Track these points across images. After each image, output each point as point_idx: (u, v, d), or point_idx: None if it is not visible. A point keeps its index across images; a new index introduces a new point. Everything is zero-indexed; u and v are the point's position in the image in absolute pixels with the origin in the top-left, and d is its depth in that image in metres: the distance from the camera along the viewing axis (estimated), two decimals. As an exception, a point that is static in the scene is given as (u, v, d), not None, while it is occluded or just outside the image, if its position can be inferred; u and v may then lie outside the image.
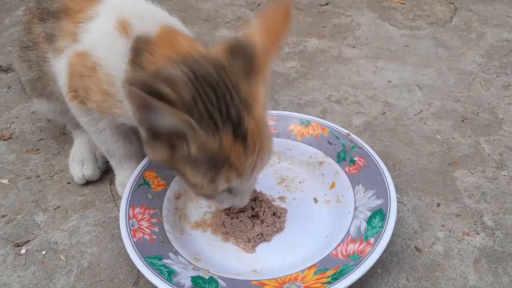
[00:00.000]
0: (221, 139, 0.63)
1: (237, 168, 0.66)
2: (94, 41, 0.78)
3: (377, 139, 1.15)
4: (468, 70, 1.44)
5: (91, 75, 0.78)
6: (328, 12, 1.83)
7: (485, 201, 0.96)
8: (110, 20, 0.77)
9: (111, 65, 0.76)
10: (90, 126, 0.90)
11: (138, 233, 0.81)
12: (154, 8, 0.83)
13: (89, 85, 0.80)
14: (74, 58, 0.80)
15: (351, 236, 0.80)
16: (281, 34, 0.68)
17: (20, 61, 0.99)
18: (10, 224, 0.94)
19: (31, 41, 0.93)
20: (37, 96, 1.02)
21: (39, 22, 0.90)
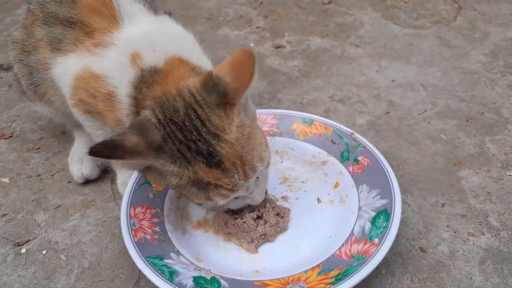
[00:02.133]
0: (195, 170, 0.70)
1: (225, 186, 0.71)
2: (111, 69, 0.78)
3: (381, 138, 1.14)
4: (473, 70, 1.42)
5: (105, 101, 0.79)
6: (331, 11, 1.82)
7: (491, 201, 0.95)
8: (124, 52, 0.78)
9: (122, 96, 0.77)
10: (95, 130, 0.90)
11: (139, 233, 0.80)
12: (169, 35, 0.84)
13: (101, 109, 0.80)
14: (88, 76, 0.79)
15: (355, 236, 0.79)
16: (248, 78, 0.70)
17: (21, 65, 0.98)
18: (11, 223, 0.93)
19: (32, 45, 0.91)
20: (39, 101, 1.02)
21: (42, 26, 0.88)
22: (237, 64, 0.71)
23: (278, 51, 1.55)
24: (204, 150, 0.69)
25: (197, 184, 0.71)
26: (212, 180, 0.70)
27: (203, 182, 0.70)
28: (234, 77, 0.70)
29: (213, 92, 0.71)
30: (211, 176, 0.70)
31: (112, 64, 0.78)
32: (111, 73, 0.78)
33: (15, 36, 1.00)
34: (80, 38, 0.82)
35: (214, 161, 0.70)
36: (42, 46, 0.88)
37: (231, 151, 0.70)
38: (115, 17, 0.81)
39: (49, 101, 0.99)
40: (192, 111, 0.70)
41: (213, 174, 0.70)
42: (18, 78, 1.03)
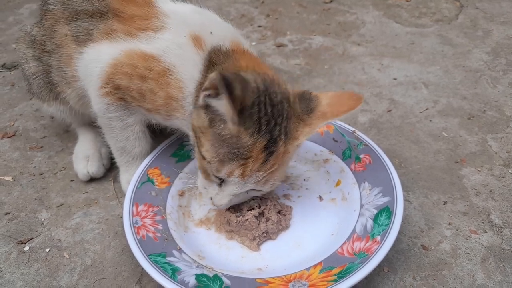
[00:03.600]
0: (255, 142, 0.72)
1: (246, 170, 0.73)
2: (166, 48, 0.81)
3: (382, 136, 1.14)
4: (475, 68, 1.42)
5: (157, 78, 0.80)
6: (332, 10, 1.82)
7: (493, 199, 0.95)
8: (183, 34, 0.81)
9: (184, 72, 0.80)
10: (118, 122, 0.90)
11: (141, 231, 0.80)
12: (219, 21, 0.91)
13: (151, 88, 0.81)
14: (133, 59, 0.81)
15: (357, 234, 0.79)
16: (343, 111, 0.78)
17: (38, 63, 0.98)
18: (14, 221, 0.93)
19: (55, 44, 0.92)
20: (55, 99, 1.02)
21: (66, 22, 0.89)
22: (341, 98, 0.79)
23: (280, 50, 1.55)
24: (275, 134, 0.73)
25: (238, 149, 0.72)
26: (252, 159, 0.72)
27: (245, 154, 0.72)
28: (330, 104, 0.78)
29: (304, 103, 0.78)
30: (256, 156, 0.72)
31: (168, 43, 0.81)
32: (167, 52, 0.80)
33: (33, 35, 0.99)
34: (113, 26, 0.84)
35: (271, 149, 0.73)
36: (66, 42, 0.90)
37: (281, 155, 0.75)
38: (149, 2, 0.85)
39: (64, 100, 1.00)
40: (285, 103, 0.75)
41: (259, 156, 0.73)
42: (28, 78, 1.02)
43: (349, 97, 0.79)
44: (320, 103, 0.78)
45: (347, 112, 0.77)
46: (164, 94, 0.81)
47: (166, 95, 0.81)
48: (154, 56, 0.80)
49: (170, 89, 0.80)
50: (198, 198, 0.94)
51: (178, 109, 0.82)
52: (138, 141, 0.94)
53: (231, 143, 0.72)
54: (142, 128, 0.93)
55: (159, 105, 0.83)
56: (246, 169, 0.73)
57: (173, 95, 0.81)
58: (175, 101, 0.81)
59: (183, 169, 0.97)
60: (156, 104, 0.83)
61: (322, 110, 0.78)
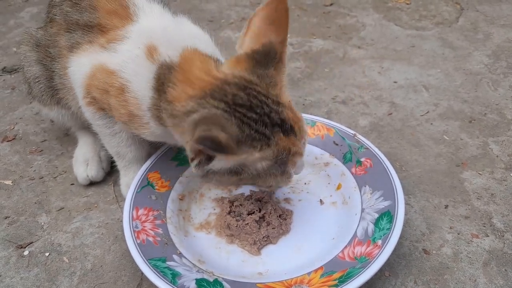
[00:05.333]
0: (276, 143, 0.69)
1: (298, 152, 0.74)
2: (123, 63, 0.78)
3: (383, 140, 1.13)
4: (475, 71, 1.42)
5: (118, 96, 0.79)
6: (332, 13, 1.82)
7: (494, 203, 0.94)
8: (139, 44, 0.78)
9: (138, 90, 0.77)
10: (106, 129, 0.90)
11: (141, 235, 0.80)
12: (181, 28, 0.84)
13: (114, 105, 0.80)
14: (100, 72, 0.80)
15: (358, 238, 0.79)
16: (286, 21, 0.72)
17: (41, 67, 0.98)
18: (13, 225, 0.93)
19: (56, 53, 0.93)
20: (56, 104, 1.02)
21: (65, 34, 0.90)
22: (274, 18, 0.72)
23: (280, 53, 1.55)
24: (278, 120, 0.70)
25: (278, 159, 0.71)
26: (292, 147, 0.71)
27: (284, 153, 0.71)
28: (274, 31, 0.72)
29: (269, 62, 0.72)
30: (290, 143, 0.71)
31: (125, 57, 0.78)
32: (124, 66, 0.78)
33: (37, 39, 0.99)
34: (95, 38, 0.84)
35: (287, 127, 0.71)
36: (64, 52, 0.90)
37: (291, 115, 0.72)
38: (131, 15, 0.83)
39: (67, 105, 1.00)
40: (251, 91, 0.70)
41: (291, 140, 0.71)
42: (29, 81, 1.02)
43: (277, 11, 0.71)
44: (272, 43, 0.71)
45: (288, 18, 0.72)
46: (125, 112, 0.80)
47: (127, 113, 0.79)
48: (113, 71, 0.79)
49: (130, 107, 0.78)
50: (198, 202, 0.94)
51: (143, 125, 0.81)
52: (129, 147, 0.94)
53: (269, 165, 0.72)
54: (130, 134, 0.92)
55: (126, 122, 0.82)
56: (297, 152, 0.73)
57: (134, 113, 0.79)
58: (137, 118, 0.79)
59: (184, 173, 0.97)
60: (123, 120, 0.82)
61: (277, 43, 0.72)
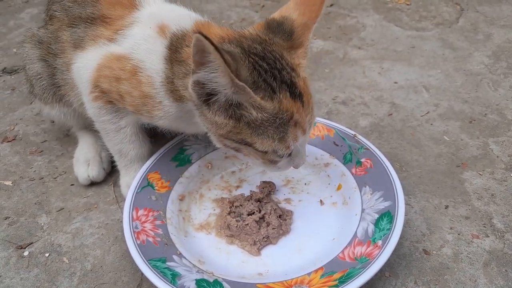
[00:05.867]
0: (280, 100, 0.69)
1: (302, 124, 0.72)
2: (135, 45, 0.80)
3: (384, 140, 1.13)
4: (475, 71, 1.42)
5: (130, 78, 0.79)
6: (333, 14, 1.82)
7: (495, 203, 0.94)
8: (150, 25, 0.80)
9: (151, 67, 0.78)
10: (111, 125, 0.90)
11: (141, 235, 0.80)
12: (189, 12, 0.86)
13: (126, 89, 0.80)
14: (110, 61, 0.81)
15: (358, 238, 0.79)
16: (318, 8, 0.74)
17: (43, 64, 0.99)
18: (13, 226, 0.93)
19: (59, 49, 0.93)
20: (58, 102, 1.02)
21: (67, 29, 0.90)
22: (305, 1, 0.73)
23: (280, 54, 1.55)
24: (288, 79, 0.70)
25: (277, 118, 0.69)
26: (296, 113, 0.70)
27: (286, 115, 0.70)
28: (301, 12, 0.72)
29: (279, 32, 0.73)
30: (295, 107, 0.70)
31: (136, 39, 0.80)
32: (136, 48, 0.79)
33: (40, 36, 0.99)
34: (99, 32, 0.85)
35: (296, 92, 0.70)
36: (67, 48, 0.91)
37: (304, 87, 0.72)
38: (136, 3, 0.85)
39: (68, 102, 1.00)
40: (266, 46, 0.71)
41: (297, 105, 0.70)
42: (31, 79, 1.03)
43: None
44: (291, 19, 0.74)
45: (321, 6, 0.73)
46: (138, 94, 0.80)
47: (140, 94, 0.80)
48: (125, 55, 0.80)
49: (143, 87, 0.79)
50: (198, 203, 0.94)
51: (157, 106, 0.81)
52: (132, 144, 0.94)
53: (268, 119, 0.69)
54: (135, 130, 0.92)
55: (138, 106, 0.82)
56: (301, 124, 0.72)
57: (147, 92, 0.80)
58: (150, 98, 0.80)
59: (184, 173, 0.97)
60: (135, 104, 0.82)
61: (299, 23, 0.74)
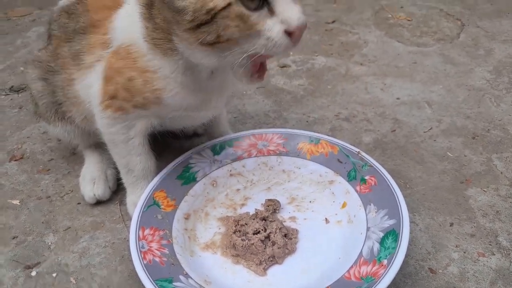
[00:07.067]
0: None
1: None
2: (122, 30, 0.83)
3: (387, 157, 1.14)
4: (477, 87, 1.43)
5: (126, 62, 0.81)
6: (335, 30, 1.85)
7: (500, 220, 0.94)
8: (129, 4, 0.83)
9: (136, 36, 0.80)
10: (120, 135, 0.91)
11: (148, 255, 0.80)
12: None
13: (127, 76, 0.82)
14: (111, 57, 0.84)
15: (363, 257, 0.79)
16: None
17: (44, 83, 1.01)
18: (21, 245, 0.94)
19: (59, 65, 0.96)
20: (60, 120, 1.04)
21: (65, 44, 0.93)
22: None
23: (283, 70, 1.57)
24: None
25: None
26: None
27: None
28: None
29: None
30: None
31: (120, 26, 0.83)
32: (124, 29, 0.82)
33: (39, 56, 1.03)
34: (92, 40, 0.88)
35: None
36: (67, 63, 0.93)
37: None
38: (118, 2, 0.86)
39: (71, 119, 1.02)
40: None
41: None
42: (35, 99, 1.05)
43: None
44: None
45: None
46: (137, 73, 0.81)
47: (139, 72, 0.81)
48: (120, 45, 0.83)
49: (137, 63, 0.80)
50: (204, 221, 0.95)
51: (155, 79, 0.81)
52: (139, 156, 0.95)
53: None
54: (142, 142, 0.94)
55: (142, 90, 0.82)
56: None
57: (142, 65, 0.81)
58: (147, 72, 0.81)
59: (189, 191, 0.97)
60: (140, 90, 0.82)
61: None
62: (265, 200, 0.97)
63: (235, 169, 1.04)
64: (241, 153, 1.06)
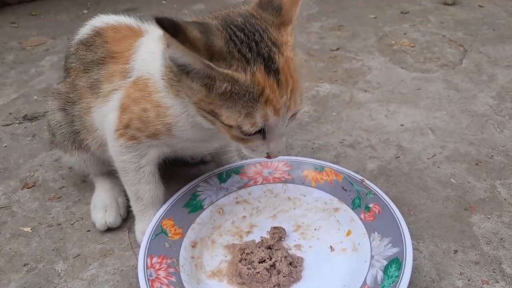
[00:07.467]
0: (253, 73, 0.69)
1: (274, 103, 0.71)
2: (142, 62, 0.87)
3: (391, 184, 1.16)
4: (481, 112, 1.45)
5: (143, 93, 0.85)
6: (339, 57, 1.89)
7: (504, 248, 0.95)
8: (152, 39, 0.88)
9: (155, 72, 0.84)
10: (131, 164, 0.94)
11: (156, 283, 0.82)
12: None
13: (142, 107, 0.86)
14: (130, 87, 0.88)
15: (367, 286, 0.80)
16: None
17: (63, 114, 1.06)
18: (32, 272, 0.96)
19: (77, 96, 1.01)
20: (77, 149, 1.08)
21: (83, 75, 0.98)
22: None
23: (289, 97, 1.60)
24: (265, 52, 0.70)
25: (247, 92, 0.69)
26: (268, 89, 0.69)
27: (257, 89, 0.69)
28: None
29: (268, 8, 0.75)
30: (268, 84, 0.69)
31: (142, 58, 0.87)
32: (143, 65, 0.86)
33: (58, 88, 1.08)
34: (111, 70, 0.93)
35: (273, 67, 0.70)
36: (84, 93, 0.98)
37: (286, 66, 0.71)
38: (139, 32, 0.94)
39: (87, 147, 1.06)
40: (251, 19, 0.74)
41: (270, 81, 0.69)
42: (53, 129, 1.09)
43: None
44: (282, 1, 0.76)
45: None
46: (151, 106, 0.85)
47: (153, 105, 0.85)
48: (137, 76, 0.87)
49: (152, 96, 0.84)
50: (210, 249, 0.96)
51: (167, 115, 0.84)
52: (149, 185, 0.98)
53: (238, 92, 0.69)
54: (152, 170, 0.97)
55: (154, 122, 0.86)
56: (273, 102, 0.70)
57: (156, 100, 0.84)
58: (160, 106, 0.84)
59: (196, 219, 0.99)
60: (152, 122, 0.86)
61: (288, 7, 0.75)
62: (270, 227, 0.99)
63: (241, 196, 1.06)
64: (247, 181, 1.08)
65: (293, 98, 0.73)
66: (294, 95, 0.73)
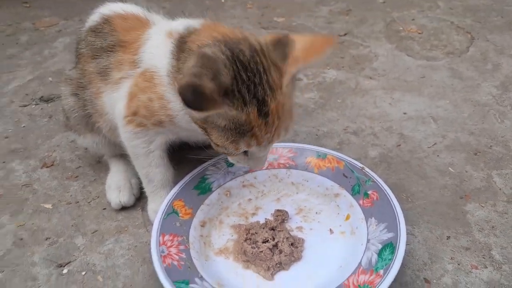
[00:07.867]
0: (248, 113, 0.75)
1: (258, 138, 0.79)
2: (150, 55, 0.93)
3: (392, 171, 1.21)
4: (483, 102, 1.48)
5: (149, 84, 0.90)
6: (346, 43, 1.91)
7: (495, 235, 1.00)
8: (160, 33, 0.92)
9: (162, 66, 0.89)
10: (141, 149, 1.00)
11: (167, 259, 0.89)
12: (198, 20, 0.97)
13: (148, 96, 0.91)
14: (138, 77, 0.93)
15: (362, 267, 0.87)
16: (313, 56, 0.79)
17: (75, 98, 1.12)
18: (53, 246, 1.04)
19: (87, 81, 1.06)
20: (90, 131, 1.14)
21: (92, 61, 1.03)
22: (314, 42, 0.80)
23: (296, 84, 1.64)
24: (260, 96, 0.75)
25: (239, 127, 0.77)
26: (257, 128, 0.77)
27: (247, 127, 0.77)
28: (303, 48, 0.78)
29: (279, 49, 0.78)
30: (257, 124, 0.77)
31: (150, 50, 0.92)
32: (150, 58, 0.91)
33: (70, 74, 1.14)
34: (119, 58, 0.97)
35: (264, 109, 0.76)
36: (94, 78, 1.03)
37: (276, 110, 0.77)
38: (147, 24, 0.99)
39: (98, 129, 1.12)
40: (257, 56, 0.77)
41: (259, 122, 0.77)
42: (67, 113, 1.15)
43: (322, 41, 0.80)
44: (294, 48, 0.78)
45: (318, 56, 0.78)
46: (155, 96, 0.90)
47: (157, 96, 0.90)
48: (146, 67, 0.92)
49: (157, 88, 0.89)
50: (218, 228, 1.03)
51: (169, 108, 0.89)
52: (159, 168, 1.04)
53: (230, 127, 0.77)
54: (161, 154, 1.03)
55: (158, 112, 0.91)
56: (257, 138, 0.79)
57: (160, 93, 0.89)
58: (163, 99, 0.89)
59: (205, 201, 1.06)
60: (156, 111, 0.91)
61: (295, 55, 0.78)
62: (274, 210, 1.05)
63: (248, 180, 1.12)
64: (253, 166, 1.14)
65: (276, 133, 0.81)
66: (278, 131, 0.81)
